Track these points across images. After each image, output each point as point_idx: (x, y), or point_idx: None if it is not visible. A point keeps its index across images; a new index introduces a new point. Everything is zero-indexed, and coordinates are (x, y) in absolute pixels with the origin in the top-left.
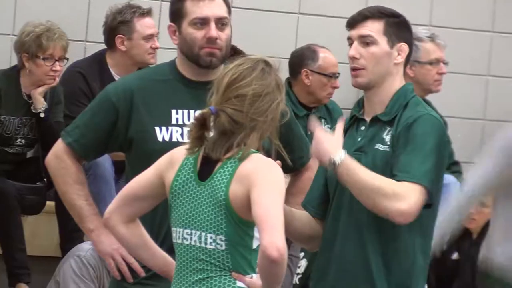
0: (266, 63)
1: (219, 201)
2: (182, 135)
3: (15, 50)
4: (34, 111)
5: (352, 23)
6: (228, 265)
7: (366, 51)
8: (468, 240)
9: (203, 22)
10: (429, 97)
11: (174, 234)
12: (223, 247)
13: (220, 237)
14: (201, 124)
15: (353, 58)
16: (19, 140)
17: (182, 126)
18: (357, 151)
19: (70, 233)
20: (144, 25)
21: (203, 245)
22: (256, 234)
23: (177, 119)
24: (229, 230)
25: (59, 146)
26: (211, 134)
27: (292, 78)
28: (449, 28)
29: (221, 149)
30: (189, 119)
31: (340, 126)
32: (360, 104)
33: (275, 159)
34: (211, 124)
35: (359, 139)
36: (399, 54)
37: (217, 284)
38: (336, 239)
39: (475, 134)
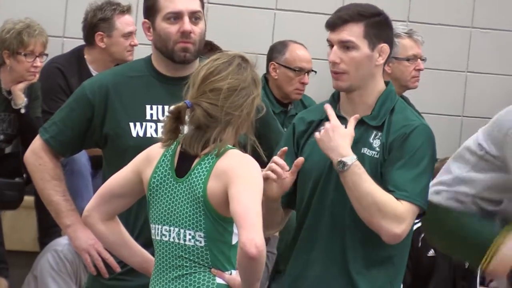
0: (243, 58)
1: (197, 197)
2: (156, 130)
3: None
4: (14, 107)
5: (332, 26)
6: (207, 262)
7: (346, 56)
8: None
9: (176, 16)
10: (407, 93)
11: (153, 231)
12: (202, 244)
13: (199, 234)
14: (176, 118)
15: (333, 63)
16: None
17: (156, 121)
18: None
19: (49, 227)
20: (124, 23)
21: (182, 241)
22: (235, 230)
23: (151, 114)
24: (208, 227)
25: (36, 142)
26: (186, 128)
27: (266, 72)
28: (427, 24)
29: (198, 145)
30: (163, 115)
31: (352, 123)
32: (335, 98)
33: (251, 155)
34: (187, 118)
35: None
36: (380, 56)
37: (197, 281)
38: (318, 239)
39: (453, 130)
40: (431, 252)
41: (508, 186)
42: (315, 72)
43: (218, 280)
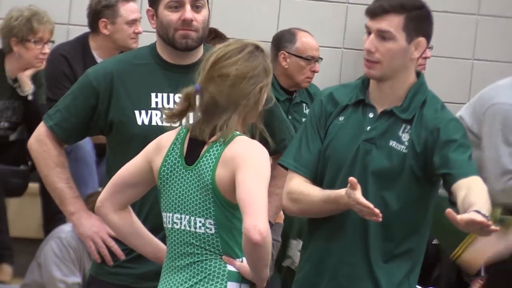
0: (256, 46)
1: (206, 185)
2: (161, 118)
3: (1, 35)
4: (21, 94)
5: (372, 14)
6: (218, 249)
7: (382, 46)
8: None
9: (178, 4)
10: None
11: (164, 219)
12: (213, 231)
13: (209, 221)
14: (186, 101)
15: (368, 51)
16: (2, 123)
17: (161, 109)
18: (367, 142)
19: (53, 214)
20: (128, 10)
21: (192, 229)
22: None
23: (156, 102)
24: (217, 214)
25: (41, 129)
26: (191, 116)
27: (272, 61)
28: (433, 11)
29: (206, 131)
30: (168, 103)
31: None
32: (365, 84)
33: (265, 144)
34: (197, 103)
35: (368, 128)
36: (416, 49)
37: (208, 268)
38: (339, 227)
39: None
40: (435, 240)
41: (481, 165)
42: (321, 59)
43: (229, 267)
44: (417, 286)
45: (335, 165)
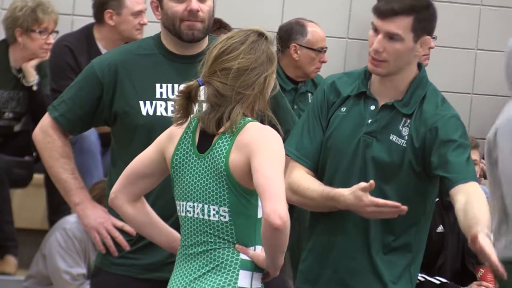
0: (259, 34)
1: (220, 171)
2: (166, 109)
3: (5, 26)
4: (26, 84)
5: (381, 15)
6: (232, 237)
7: (390, 46)
8: (452, 212)
9: None
10: None
11: (178, 208)
12: (227, 219)
13: (223, 208)
14: (187, 96)
15: (376, 51)
16: (6, 113)
17: (166, 100)
18: (367, 134)
19: (58, 205)
20: (133, 1)
21: (206, 217)
22: (259, 203)
23: (161, 93)
24: (231, 201)
25: (45, 120)
26: (197, 106)
27: (279, 52)
28: (437, 1)
29: (212, 123)
30: (173, 93)
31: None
32: (367, 76)
33: None
34: (200, 96)
35: (369, 120)
36: (421, 47)
37: (221, 256)
38: (340, 218)
39: (463, 108)
40: (440, 228)
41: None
42: (327, 49)
43: (242, 256)
44: (422, 275)
45: (336, 156)
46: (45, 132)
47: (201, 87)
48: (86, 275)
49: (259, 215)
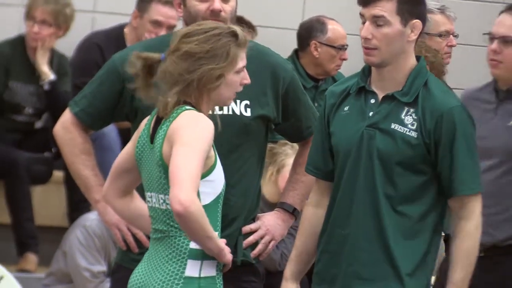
0: (231, 33)
1: (158, 161)
2: None
3: None
4: (40, 83)
5: (364, 1)
6: None
7: (378, 32)
8: None
9: None
10: None
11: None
12: None
13: (167, 197)
14: (148, 69)
15: (365, 39)
16: (27, 109)
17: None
18: (370, 127)
19: (78, 202)
20: (156, 11)
21: (158, 205)
22: (203, 189)
23: None
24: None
25: (66, 116)
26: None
27: (300, 50)
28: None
29: (160, 106)
30: None
31: None
32: (365, 72)
33: (291, 132)
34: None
35: (370, 114)
36: (412, 32)
37: (172, 244)
38: (352, 214)
39: None
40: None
41: None
42: (347, 46)
43: (192, 245)
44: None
45: (343, 154)
46: (66, 128)
47: None
48: (107, 272)
49: (204, 201)
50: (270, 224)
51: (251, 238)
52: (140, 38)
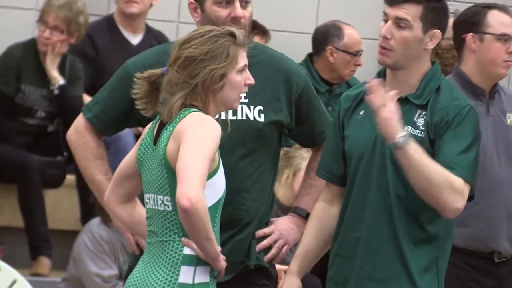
0: (230, 33)
1: (160, 161)
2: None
3: None
4: (51, 88)
5: (391, 1)
6: (177, 227)
7: (398, 33)
8: None
9: (228, 1)
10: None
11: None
12: (170, 208)
13: (166, 198)
14: (150, 83)
15: (384, 38)
16: (39, 112)
17: None
18: None
19: (91, 207)
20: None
21: (155, 207)
22: (204, 192)
23: None
24: (172, 190)
25: (79, 121)
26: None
27: (315, 54)
28: (469, 3)
29: (165, 111)
30: None
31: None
32: (381, 76)
33: (304, 137)
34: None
35: None
36: (430, 41)
37: (165, 249)
38: (365, 217)
39: None
40: None
41: None
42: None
43: (186, 251)
44: None
45: (356, 157)
46: (79, 133)
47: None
48: (118, 275)
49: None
50: (283, 228)
51: (264, 242)
52: None
